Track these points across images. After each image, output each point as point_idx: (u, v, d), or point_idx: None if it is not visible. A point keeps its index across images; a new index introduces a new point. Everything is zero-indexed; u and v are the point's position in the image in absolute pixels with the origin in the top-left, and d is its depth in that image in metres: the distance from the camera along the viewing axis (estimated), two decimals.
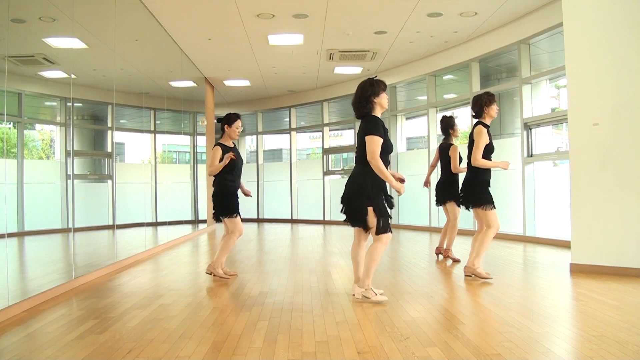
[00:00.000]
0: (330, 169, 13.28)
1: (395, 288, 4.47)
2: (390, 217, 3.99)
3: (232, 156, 4.94)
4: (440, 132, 6.57)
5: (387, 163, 3.94)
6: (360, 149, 4.00)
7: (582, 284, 4.53)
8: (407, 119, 11.66)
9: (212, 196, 5.11)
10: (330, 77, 11.76)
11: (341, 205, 4.09)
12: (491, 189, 4.94)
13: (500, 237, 8.24)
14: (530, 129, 7.97)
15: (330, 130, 13.82)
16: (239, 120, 5.14)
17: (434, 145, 10.23)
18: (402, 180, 4.03)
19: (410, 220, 10.77)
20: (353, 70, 11.10)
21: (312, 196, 13.44)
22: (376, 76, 4.15)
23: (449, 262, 6.02)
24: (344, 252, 7.05)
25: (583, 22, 5.23)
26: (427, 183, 6.52)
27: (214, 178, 5.11)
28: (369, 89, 4.02)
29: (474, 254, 4.87)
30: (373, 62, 10.38)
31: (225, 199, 5.06)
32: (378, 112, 4.06)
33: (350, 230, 4.44)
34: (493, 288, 4.45)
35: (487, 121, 4.90)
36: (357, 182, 3.94)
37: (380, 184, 3.94)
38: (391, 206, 4.01)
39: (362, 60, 10.20)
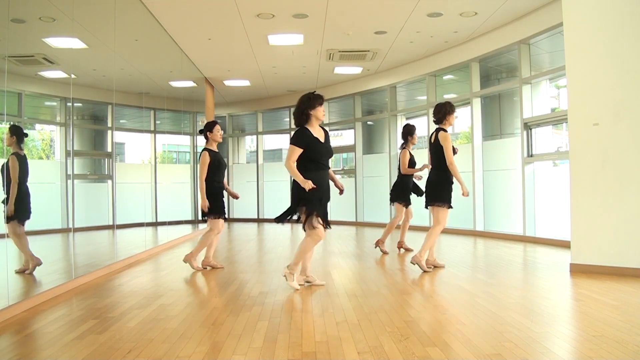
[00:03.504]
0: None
1: (395, 288, 4.48)
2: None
3: (205, 208, 5.52)
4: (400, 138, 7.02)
5: (326, 167, 4.46)
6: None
7: (582, 284, 4.53)
8: (407, 119, 11.66)
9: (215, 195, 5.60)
10: (330, 77, 11.76)
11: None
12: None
13: (500, 237, 8.25)
14: (530, 129, 7.97)
15: (330, 130, 13.80)
16: (217, 125, 5.66)
17: None
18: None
19: None
20: (353, 70, 11.10)
21: None
22: (315, 91, 4.50)
23: (402, 251, 6.88)
24: (344, 252, 7.06)
25: (583, 22, 5.23)
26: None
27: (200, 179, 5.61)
28: (305, 102, 4.41)
29: (422, 247, 5.29)
30: (373, 62, 10.38)
31: (212, 199, 5.55)
32: (314, 124, 4.45)
33: (350, 231, 4.51)
34: (493, 288, 4.45)
35: (447, 127, 5.42)
36: (296, 184, 4.43)
37: (318, 182, 4.35)
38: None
39: (362, 60, 10.20)
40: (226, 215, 5.79)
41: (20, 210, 4.79)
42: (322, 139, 4.44)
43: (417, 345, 2.87)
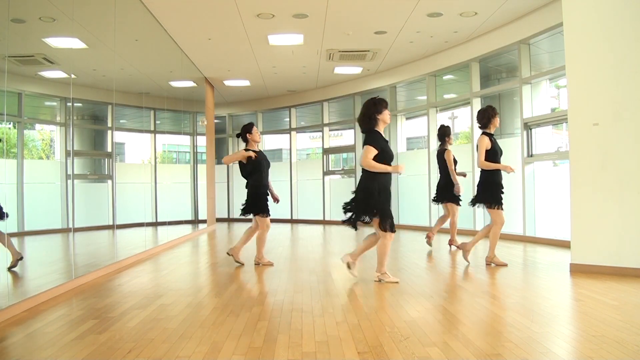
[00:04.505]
0: (330, 169, 13.28)
1: (395, 288, 4.48)
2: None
3: (254, 155, 5.78)
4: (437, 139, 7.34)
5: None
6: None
7: (582, 284, 4.53)
8: (407, 119, 11.67)
9: (255, 195, 5.91)
10: (330, 77, 11.77)
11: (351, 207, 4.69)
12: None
13: (500, 237, 8.20)
14: (530, 129, 7.97)
15: (330, 130, 13.82)
16: (255, 126, 5.98)
17: (434, 146, 10.24)
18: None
19: (410, 220, 10.77)
20: (353, 70, 11.10)
21: (312, 196, 13.44)
22: (378, 96, 4.73)
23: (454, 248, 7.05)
24: (344, 252, 7.05)
25: (583, 22, 5.23)
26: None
27: (247, 181, 5.93)
28: (372, 108, 4.61)
29: (490, 248, 5.64)
30: (373, 62, 10.38)
31: (257, 199, 5.86)
32: (381, 127, 4.64)
33: (350, 231, 4.58)
34: (493, 288, 4.45)
35: (492, 130, 5.56)
36: (364, 187, 4.58)
37: (385, 186, 4.57)
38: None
39: (362, 60, 10.20)
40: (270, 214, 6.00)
41: None
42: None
43: (417, 345, 2.87)
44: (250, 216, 5.98)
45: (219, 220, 13.67)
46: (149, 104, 8.36)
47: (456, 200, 7.00)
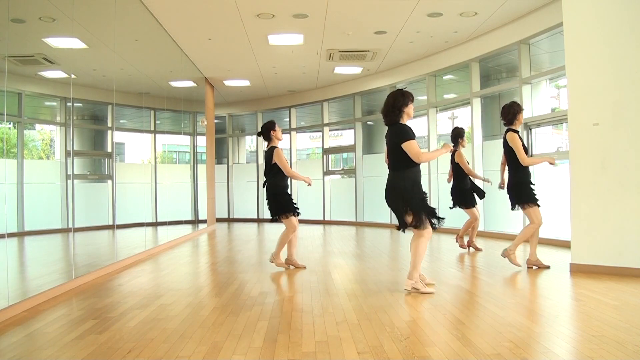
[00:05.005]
0: (330, 169, 13.28)
1: (395, 288, 4.47)
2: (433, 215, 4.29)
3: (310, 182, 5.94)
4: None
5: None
6: (393, 156, 4.34)
7: (582, 284, 4.53)
8: None
9: (272, 196, 5.74)
10: (330, 77, 11.77)
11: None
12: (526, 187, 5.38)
13: (500, 237, 8.24)
14: (530, 129, 7.96)
15: (330, 130, 13.82)
16: (276, 123, 5.97)
17: (434, 146, 10.24)
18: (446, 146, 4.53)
19: None
20: (353, 70, 11.10)
21: (312, 196, 13.44)
22: (405, 87, 4.47)
23: (472, 250, 6.92)
24: (344, 252, 7.06)
25: (583, 22, 5.23)
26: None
27: (265, 181, 5.86)
28: (400, 99, 4.35)
29: (532, 247, 5.41)
30: (373, 62, 10.38)
31: (275, 201, 5.70)
32: (405, 121, 4.39)
33: (350, 231, 4.52)
34: (493, 288, 4.45)
35: (517, 127, 5.38)
36: (392, 186, 4.33)
37: (416, 181, 4.30)
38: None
39: (362, 60, 10.20)
40: (299, 212, 5.82)
41: None
42: None
43: (417, 345, 2.87)
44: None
45: (219, 220, 13.67)
46: (149, 104, 8.36)
47: (470, 203, 6.80)
